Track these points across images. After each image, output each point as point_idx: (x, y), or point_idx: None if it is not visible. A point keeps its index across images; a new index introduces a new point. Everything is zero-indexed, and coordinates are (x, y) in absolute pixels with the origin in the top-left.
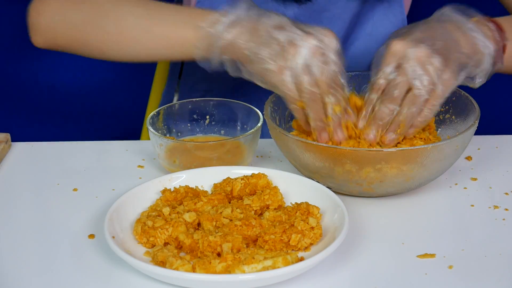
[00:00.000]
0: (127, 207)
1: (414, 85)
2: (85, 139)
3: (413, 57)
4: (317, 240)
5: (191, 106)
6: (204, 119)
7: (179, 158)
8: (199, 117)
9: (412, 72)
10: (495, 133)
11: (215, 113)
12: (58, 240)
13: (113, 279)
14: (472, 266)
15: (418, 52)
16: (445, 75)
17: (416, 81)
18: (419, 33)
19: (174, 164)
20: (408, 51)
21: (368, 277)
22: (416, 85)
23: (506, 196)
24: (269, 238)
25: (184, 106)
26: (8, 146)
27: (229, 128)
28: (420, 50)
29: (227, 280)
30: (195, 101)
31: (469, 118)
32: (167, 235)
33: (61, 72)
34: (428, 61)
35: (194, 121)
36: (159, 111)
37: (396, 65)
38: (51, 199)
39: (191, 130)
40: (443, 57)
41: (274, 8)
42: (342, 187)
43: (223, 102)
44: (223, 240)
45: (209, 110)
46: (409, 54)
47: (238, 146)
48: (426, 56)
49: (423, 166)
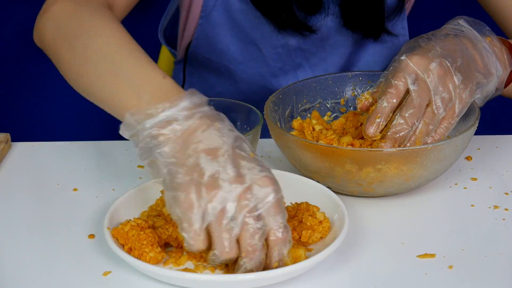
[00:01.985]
0: (127, 207)
1: (434, 101)
2: (85, 139)
3: (435, 72)
4: (326, 234)
5: None
6: None
7: None
8: None
9: (434, 87)
10: (495, 133)
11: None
12: (58, 240)
13: (113, 279)
14: (472, 266)
15: (441, 68)
16: (464, 94)
17: (437, 97)
18: (439, 48)
19: None
20: (430, 66)
21: (368, 277)
22: (436, 101)
23: (506, 196)
24: None
25: None
26: (8, 146)
27: None
28: (441, 66)
29: (227, 280)
30: None
31: (469, 118)
32: (167, 235)
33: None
34: (450, 79)
35: None
36: None
37: (415, 76)
38: (51, 199)
39: None
40: (463, 75)
41: (277, 38)
42: (342, 187)
43: (223, 102)
44: None
45: None
46: (431, 68)
47: None
48: (448, 73)
49: (423, 166)
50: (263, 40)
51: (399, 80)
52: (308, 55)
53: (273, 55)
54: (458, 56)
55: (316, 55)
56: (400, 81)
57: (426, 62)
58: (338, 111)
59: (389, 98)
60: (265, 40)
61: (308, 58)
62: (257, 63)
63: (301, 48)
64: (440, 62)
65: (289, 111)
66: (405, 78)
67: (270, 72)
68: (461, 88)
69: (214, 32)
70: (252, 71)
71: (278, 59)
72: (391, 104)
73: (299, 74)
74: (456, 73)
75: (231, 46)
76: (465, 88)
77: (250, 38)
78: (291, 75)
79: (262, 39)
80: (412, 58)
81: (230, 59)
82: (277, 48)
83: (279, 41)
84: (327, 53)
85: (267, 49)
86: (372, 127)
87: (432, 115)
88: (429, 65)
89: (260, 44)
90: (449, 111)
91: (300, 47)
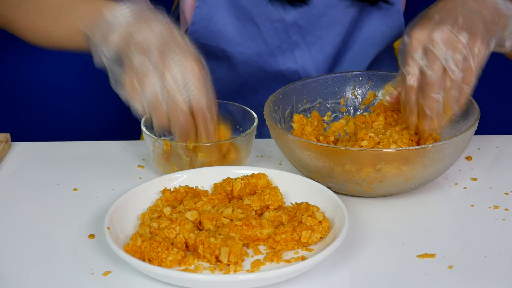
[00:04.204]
0: (127, 207)
1: (449, 67)
2: (85, 139)
3: (440, 40)
4: (326, 234)
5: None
6: None
7: (173, 160)
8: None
9: (443, 54)
10: (495, 133)
11: None
12: (58, 240)
13: (113, 279)
14: (472, 266)
15: (444, 33)
16: (476, 49)
17: (450, 62)
18: (437, 15)
19: (168, 166)
20: (433, 35)
21: (368, 277)
22: (450, 67)
23: (506, 196)
24: (281, 238)
25: None
26: (8, 146)
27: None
28: (445, 31)
29: (227, 280)
30: None
31: (469, 118)
32: (175, 234)
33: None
34: (456, 40)
35: None
36: None
37: (424, 51)
38: (51, 199)
39: None
40: (469, 31)
41: (274, 12)
42: (342, 187)
43: (218, 104)
44: (222, 244)
45: None
46: (435, 37)
47: (233, 148)
48: (453, 35)
49: (423, 166)
50: (260, 15)
51: (410, 65)
52: (305, 32)
53: (271, 31)
54: (458, 14)
55: (313, 33)
56: (411, 66)
57: (427, 33)
58: (338, 111)
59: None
60: (262, 14)
61: (305, 36)
62: (254, 41)
63: (298, 24)
64: (440, 28)
65: (289, 111)
66: (413, 60)
67: (268, 51)
68: (472, 44)
69: (211, 13)
70: (250, 51)
71: (276, 36)
72: (414, 94)
73: (296, 53)
74: (460, 32)
75: (228, 26)
76: (475, 41)
77: (248, 14)
78: (289, 54)
79: (259, 14)
80: (413, 35)
81: (228, 40)
82: (274, 23)
83: (276, 15)
84: (323, 31)
85: (264, 25)
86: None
87: (452, 81)
88: (432, 35)
89: (257, 20)
90: (467, 70)
91: (296, 23)
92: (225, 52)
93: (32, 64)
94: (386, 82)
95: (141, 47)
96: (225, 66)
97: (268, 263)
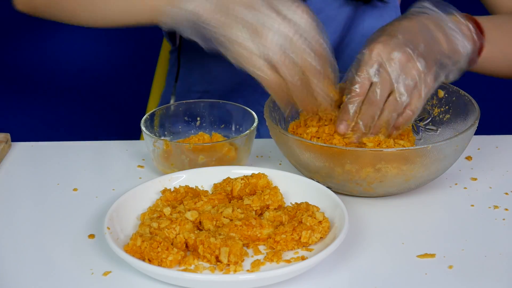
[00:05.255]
0: (127, 207)
1: (397, 89)
2: (85, 139)
3: (397, 61)
4: (326, 234)
5: (186, 108)
6: (197, 121)
7: (173, 160)
8: (193, 119)
9: (395, 75)
10: (495, 133)
11: (210, 114)
12: (58, 240)
13: (113, 279)
14: (472, 266)
15: (403, 56)
16: (428, 78)
17: (399, 85)
18: (401, 36)
19: (168, 166)
20: (392, 55)
21: (368, 277)
22: (399, 89)
23: (506, 196)
24: (281, 238)
25: (179, 108)
26: (8, 146)
27: (224, 130)
28: (403, 54)
29: (227, 280)
30: (189, 103)
31: (469, 118)
32: (175, 234)
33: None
34: (412, 65)
35: (188, 123)
36: (153, 113)
37: (378, 67)
38: (51, 199)
39: (186, 132)
40: (427, 59)
41: None
42: (342, 187)
43: (218, 104)
44: (222, 244)
45: (203, 111)
46: (394, 57)
47: (233, 148)
48: (410, 60)
49: (423, 166)
50: None
51: (362, 75)
52: None
53: None
54: (420, 40)
55: None
56: (363, 76)
57: (388, 51)
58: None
59: (354, 97)
60: None
61: None
62: None
63: None
64: (402, 49)
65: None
66: (368, 73)
67: None
68: (425, 73)
69: None
70: None
71: None
72: (356, 103)
73: None
74: (419, 58)
75: None
76: (429, 71)
77: None
78: None
79: None
80: (374, 49)
81: None
82: None
83: None
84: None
85: None
86: (342, 125)
87: (395, 102)
88: (391, 54)
89: None
90: (414, 96)
91: None
92: None
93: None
94: None
95: (245, 3)
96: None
97: (268, 263)
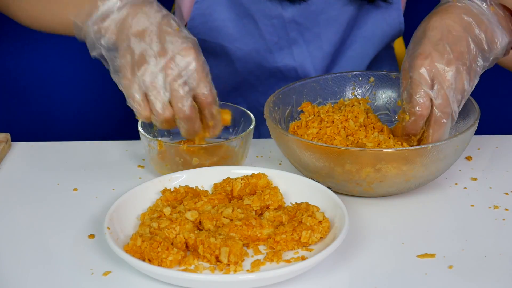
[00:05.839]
0: (127, 207)
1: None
2: (85, 139)
3: (452, 81)
4: (326, 234)
5: None
6: None
7: (168, 160)
8: None
9: (451, 96)
10: (495, 133)
11: None
12: (58, 240)
13: (113, 279)
14: (472, 266)
15: (456, 74)
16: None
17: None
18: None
19: (165, 167)
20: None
21: (368, 277)
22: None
23: (506, 196)
24: (281, 238)
25: None
26: (8, 146)
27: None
28: (458, 72)
29: (227, 280)
30: None
31: (469, 118)
32: (175, 234)
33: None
34: (459, 80)
35: None
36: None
37: (433, 83)
38: (51, 199)
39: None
40: (471, 74)
41: (272, 8)
42: (342, 187)
43: None
44: (222, 244)
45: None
46: (449, 78)
47: (230, 149)
48: (459, 76)
49: (423, 166)
50: (258, 11)
51: (422, 96)
52: (303, 29)
53: (269, 27)
54: (465, 45)
55: (311, 30)
56: (423, 97)
57: (440, 67)
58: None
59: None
60: (260, 11)
61: (303, 33)
62: (253, 37)
63: (296, 21)
64: (455, 68)
65: (289, 111)
66: (427, 94)
67: (266, 47)
68: (469, 90)
69: (210, 8)
70: (248, 47)
71: (274, 32)
72: (420, 124)
73: (294, 50)
74: (466, 76)
75: (227, 22)
76: (471, 80)
77: (246, 10)
78: (286, 51)
79: (257, 10)
80: (427, 65)
81: (226, 36)
82: (272, 20)
83: (274, 12)
84: (321, 28)
85: (262, 21)
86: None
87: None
88: (444, 73)
89: (256, 16)
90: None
91: (294, 20)
92: (223, 48)
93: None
94: (386, 82)
95: (139, 33)
96: (223, 63)
97: (268, 263)
